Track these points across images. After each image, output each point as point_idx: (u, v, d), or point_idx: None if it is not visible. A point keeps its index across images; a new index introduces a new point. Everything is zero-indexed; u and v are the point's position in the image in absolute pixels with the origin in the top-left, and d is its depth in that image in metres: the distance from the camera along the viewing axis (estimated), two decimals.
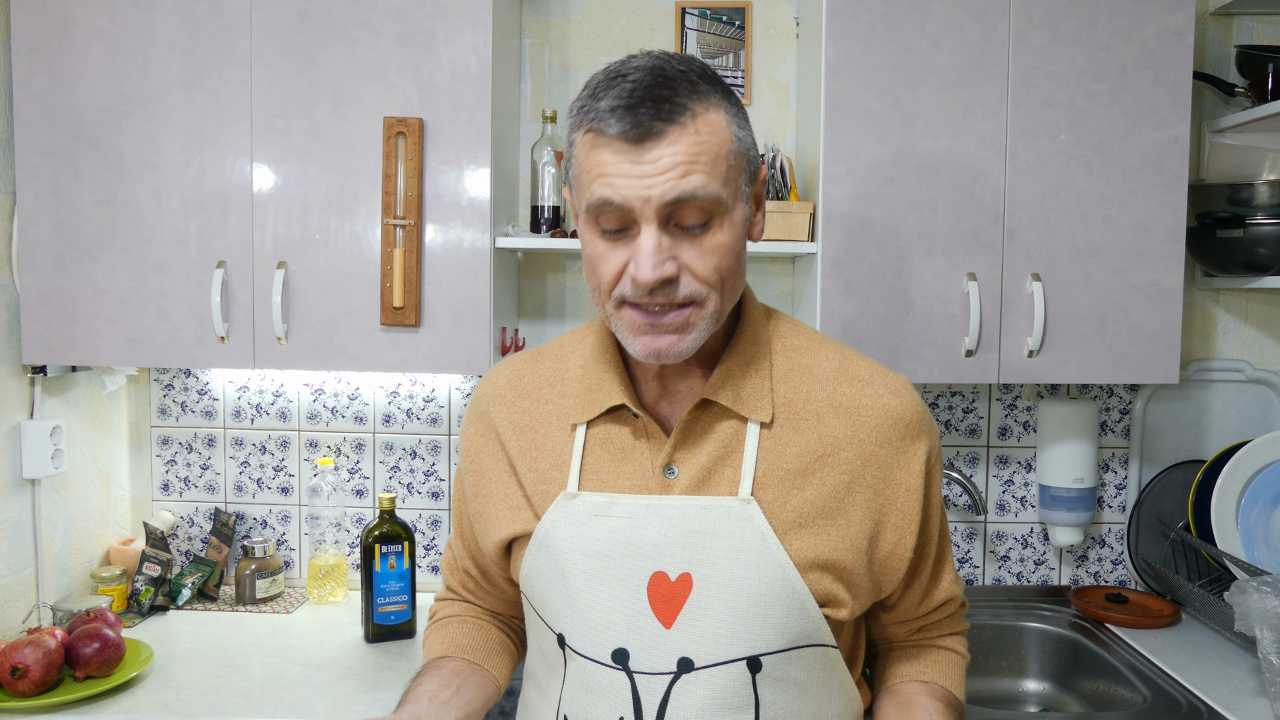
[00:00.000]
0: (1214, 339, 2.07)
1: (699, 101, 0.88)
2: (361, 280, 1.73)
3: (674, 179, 0.86)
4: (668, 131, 0.86)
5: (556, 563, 0.98)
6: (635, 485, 0.98)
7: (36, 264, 1.74)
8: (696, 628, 0.93)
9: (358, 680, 1.63)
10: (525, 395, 1.07)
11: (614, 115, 0.87)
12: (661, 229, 0.88)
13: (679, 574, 0.94)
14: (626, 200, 0.87)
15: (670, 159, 0.86)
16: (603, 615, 0.95)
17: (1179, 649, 1.79)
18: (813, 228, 1.77)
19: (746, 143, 0.93)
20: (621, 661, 0.94)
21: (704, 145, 0.88)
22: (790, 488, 0.96)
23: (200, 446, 2.13)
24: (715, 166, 0.88)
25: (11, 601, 1.77)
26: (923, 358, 1.72)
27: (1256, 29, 2.02)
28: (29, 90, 1.72)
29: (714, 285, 0.91)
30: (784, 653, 0.94)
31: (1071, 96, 1.69)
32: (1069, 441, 1.96)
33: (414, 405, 2.10)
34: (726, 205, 0.90)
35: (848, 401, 0.99)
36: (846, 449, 0.97)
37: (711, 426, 0.97)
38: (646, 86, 0.87)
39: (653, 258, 0.87)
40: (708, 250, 0.90)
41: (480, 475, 1.08)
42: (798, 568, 0.94)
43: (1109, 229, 1.71)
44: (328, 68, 1.71)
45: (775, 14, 2.04)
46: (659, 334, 0.91)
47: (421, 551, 2.11)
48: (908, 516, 0.99)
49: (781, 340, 1.03)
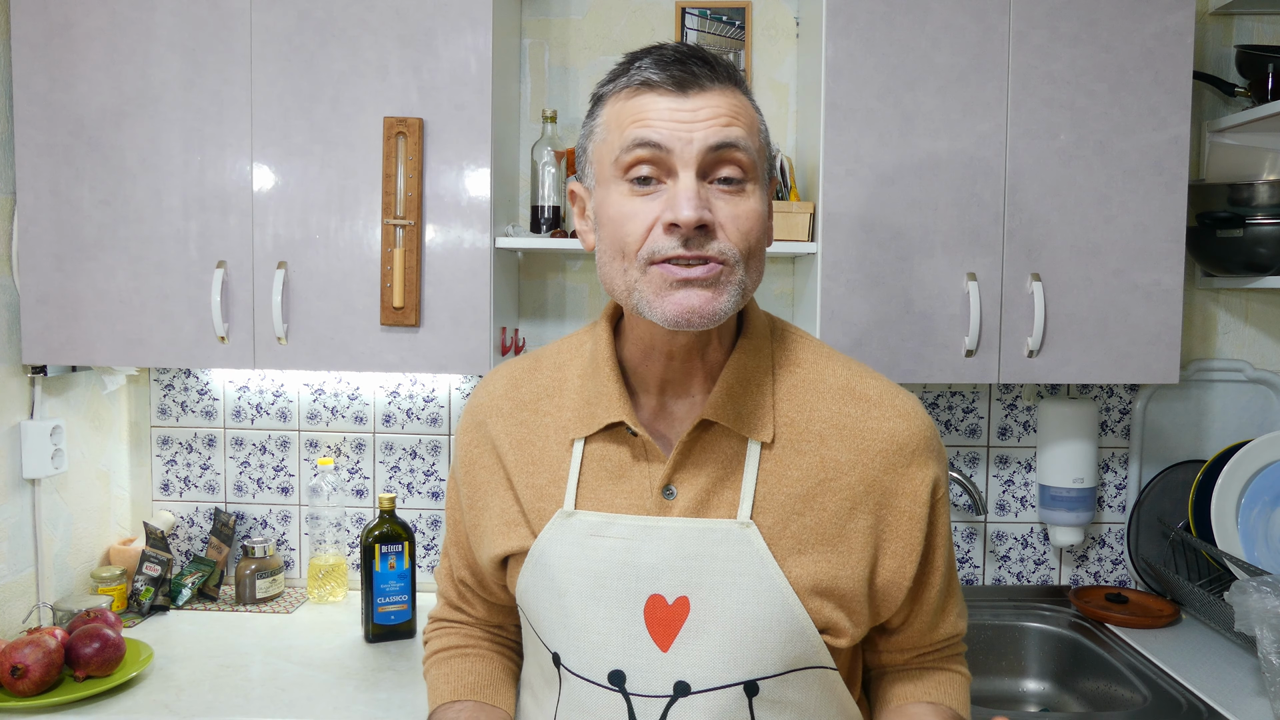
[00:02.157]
0: (1214, 339, 2.07)
1: (732, 80, 0.92)
2: (361, 280, 1.73)
3: (717, 126, 0.88)
4: (711, 86, 0.89)
5: (552, 582, 0.96)
6: (633, 505, 0.96)
7: (36, 264, 1.74)
8: (694, 652, 0.92)
9: (358, 680, 1.63)
10: (523, 406, 1.04)
11: (658, 67, 0.89)
12: (699, 179, 0.88)
13: (676, 597, 0.93)
14: (666, 140, 0.87)
15: (713, 110, 0.88)
16: (599, 637, 0.94)
17: (1179, 649, 1.79)
18: (813, 228, 1.77)
19: (767, 137, 0.96)
20: (618, 683, 0.93)
21: (741, 110, 0.90)
22: (791, 512, 0.94)
23: (200, 446, 2.13)
24: (750, 133, 0.90)
25: (11, 601, 1.77)
26: (923, 358, 1.72)
27: (1256, 29, 2.02)
28: (29, 90, 1.72)
29: (744, 251, 0.90)
30: (781, 676, 0.93)
31: (1071, 96, 1.69)
32: (1069, 441, 1.96)
33: (414, 405, 2.10)
34: (760, 173, 0.92)
35: (852, 424, 0.97)
36: (849, 473, 0.95)
37: (711, 446, 0.95)
38: (688, 51, 0.90)
39: (692, 199, 0.86)
40: (741, 214, 0.90)
41: (476, 488, 1.06)
42: (797, 593, 0.92)
43: (1109, 229, 1.71)
44: (328, 68, 1.71)
45: (775, 14, 2.04)
46: (691, 289, 0.88)
47: (421, 551, 2.11)
48: (909, 545, 0.97)
49: (785, 354, 1.01)
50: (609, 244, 0.92)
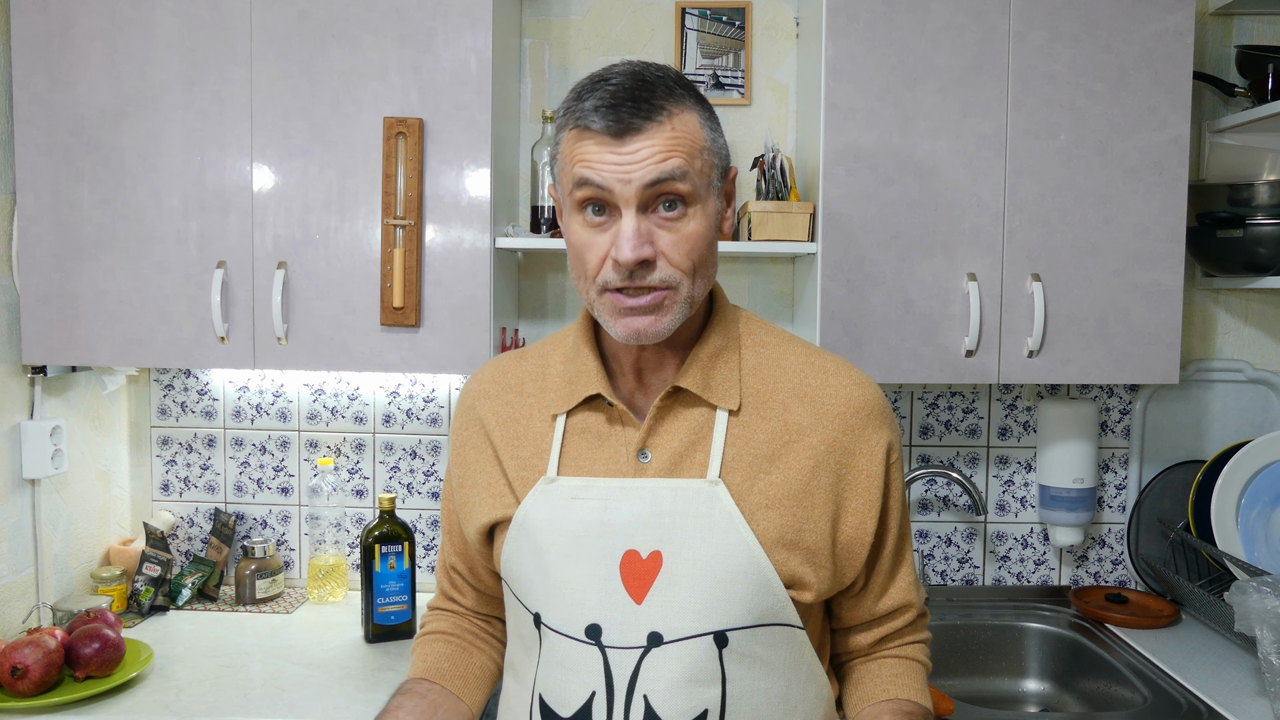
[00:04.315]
0: (1214, 339, 2.07)
1: (675, 104, 0.96)
2: (361, 280, 1.73)
3: (653, 164, 0.94)
4: (646, 127, 0.94)
5: (534, 544, 1.03)
6: (611, 469, 1.03)
7: (36, 264, 1.74)
8: (666, 603, 0.98)
9: (357, 680, 1.63)
10: (509, 389, 1.13)
11: (597, 113, 0.94)
12: (640, 215, 0.95)
13: (650, 552, 0.99)
14: (607, 182, 0.94)
15: (648, 150, 0.94)
16: (577, 592, 1.00)
17: (1179, 649, 1.79)
18: (813, 228, 1.77)
19: (718, 143, 1.02)
20: (594, 637, 0.99)
21: (679, 139, 0.95)
22: (757, 471, 1.01)
23: (200, 447, 2.13)
24: (690, 157, 0.96)
25: (11, 601, 1.77)
26: (923, 358, 1.72)
27: (1256, 29, 2.02)
28: (29, 90, 1.72)
29: (687, 271, 0.98)
30: (750, 629, 0.98)
31: (1071, 96, 1.69)
32: (1069, 442, 1.96)
33: (414, 405, 2.10)
34: (700, 195, 0.98)
35: (812, 391, 1.05)
36: (811, 435, 1.03)
37: (682, 414, 1.03)
38: (628, 89, 0.95)
39: (632, 239, 0.94)
40: (682, 238, 0.97)
41: (466, 466, 1.13)
42: (763, 546, 0.98)
43: (1109, 229, 1.71)
44: (328, 68, 1.71)
45: (775, 14, 2.04)
46: (636, 315, 0.98)
47: (421, 552, 2.11)
48: (868, 501, 1.04)
49: (751, 337, 1.09)
50: (573, 264, 1.02)
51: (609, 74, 0.98)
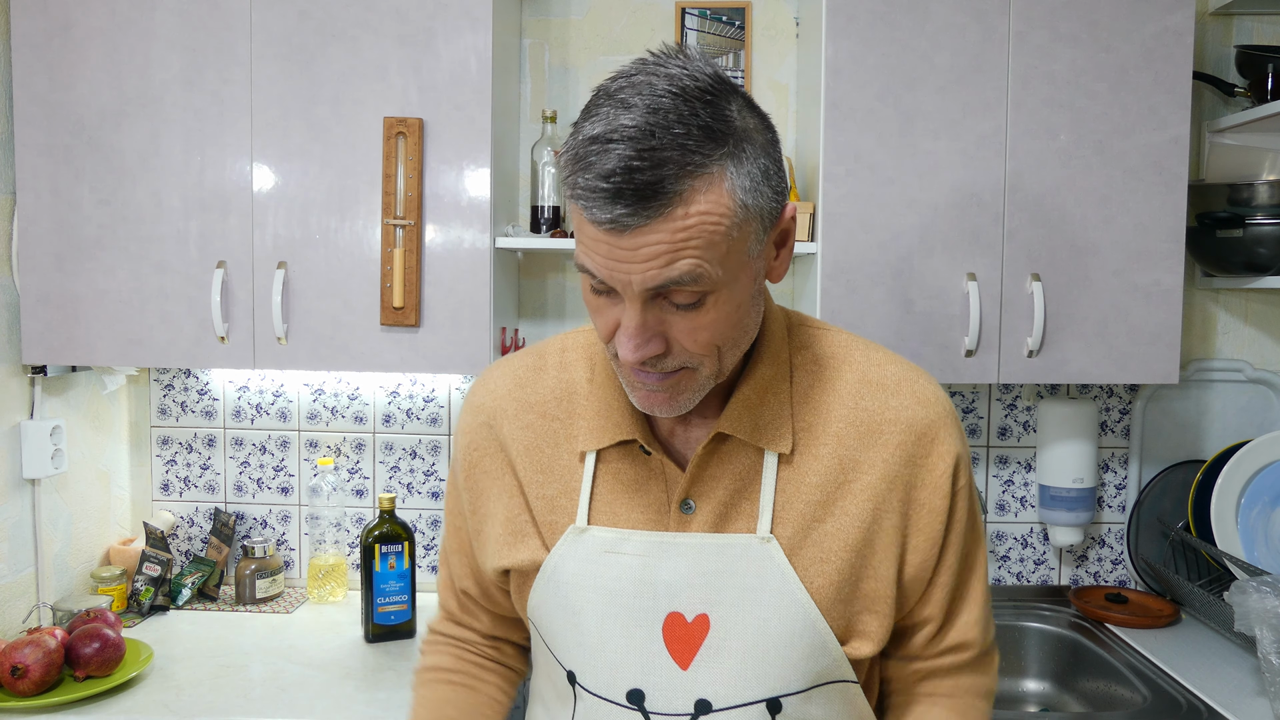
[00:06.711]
0: (1214, 339, 2.07)
1: (694, 176, 0.76)
2: (361, 280, 1.73)
3: (656, 268, 0.77)
4: (651, 223, 0.76)
5: (566, 600, 0.94)
6: (648, 520, 0.93)
7: (36, 264, 1.74)
8: (714, 669, 0.90)
9: (357, 680, 1.63)
10: (530, 409, 1.00)
11: (594, 202, 0.76)
12: (647, 306, 0.81)
13: (695, 615, 0.91)
14: (606, 278, 0.80)
15: (653, 249, 0.77)
16: (616, 655, 0.92)
17: (1179, 649, 1.79)
18: (813, 228, 1.77)
19: (761, 196, 0.80)
20: (637, 702, 0.91)
21: (694, 229, 0.77)
22: (811, 520, 0.91)
23: (200, 446, 2.13)
24: (709, 248, 0.78)
25: (11, 601, 1.77)
26: (923, 358, 1.72)
27: (1256, 29, 2.02)
28: (29, 90, 1.72)
29: (708, 353, 0.84)
30: (805, 693, 0.91)
31: (1071, 96, 1.69)
32: (1069, 441, 1.96)
33: (414, 405, 2.10)
34: (723, 281, 0.80)
35: (869, 418, 0.93)
36: (869, 472, 0.92)
37: (728, 458, 0.92)
38: (631, 171, 0.74)
39: (634, 339, 0.81)
40: (700, 325, 0.82)
41: (481, 492, 1.02)
42: (820, 607, 0.90)
43: (1109, 229, 1.71)
44: (328, 68, 1.71)
45: (775, 14, 2.04)
46: (652, 392, 0.86)
47: (421, 551, 2.11)
48: (930, 538, 0.94)
49: (801, 354, 0.97)
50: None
51: (612, 132, 0.76)
